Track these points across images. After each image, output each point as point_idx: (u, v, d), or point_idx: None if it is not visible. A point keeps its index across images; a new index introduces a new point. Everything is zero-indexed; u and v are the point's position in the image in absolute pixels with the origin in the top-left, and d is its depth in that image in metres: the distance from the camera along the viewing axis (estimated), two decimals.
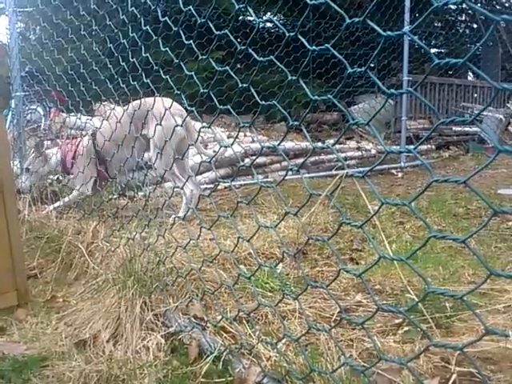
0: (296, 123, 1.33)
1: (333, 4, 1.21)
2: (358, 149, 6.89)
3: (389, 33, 1.04)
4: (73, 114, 4.98)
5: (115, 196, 3.69)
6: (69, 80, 3.79)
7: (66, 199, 3.68)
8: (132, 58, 2.44)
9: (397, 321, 1.95)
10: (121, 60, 2.63)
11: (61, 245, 2.87)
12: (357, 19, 1.08)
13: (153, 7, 2.26)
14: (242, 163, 4.69)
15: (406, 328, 1.89)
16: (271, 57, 1.44)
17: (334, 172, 5.32)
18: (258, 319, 1.97)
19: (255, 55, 1.46)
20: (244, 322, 1.92)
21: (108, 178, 3.84)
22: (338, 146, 6.37)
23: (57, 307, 2.33)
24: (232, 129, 6.42)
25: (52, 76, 4.28)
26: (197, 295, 2.05)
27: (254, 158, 4.99)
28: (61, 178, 4.08)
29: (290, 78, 1.32)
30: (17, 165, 4.40)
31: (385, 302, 2.14)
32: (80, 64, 3.47)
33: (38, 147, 4.01)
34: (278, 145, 1.46)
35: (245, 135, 6.07)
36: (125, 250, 2.46)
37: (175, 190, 3.53)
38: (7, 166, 2.39)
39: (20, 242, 2.46)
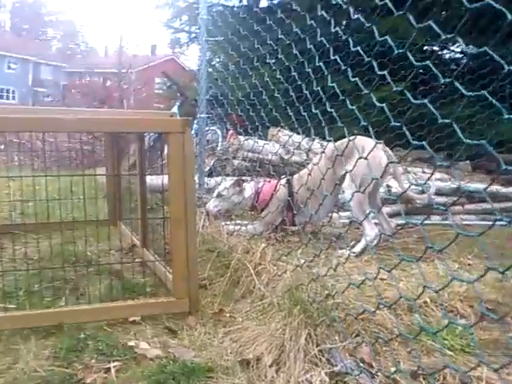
0: (509, 167, 1.24)
1: None
2: None
3: None
4: (248, 137, 5.26)
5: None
6: (249, 105, 4.01)
7: (243, 228, 3.78)
8: (314, 86, 2.51)
9: None
10: (304, 88, 2.70)
11: (230, 261, 2.98)
12: None
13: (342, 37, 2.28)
14: (429, 203, 4.41)
15: None
16: (483, 91, 1.37)
17: None
18: (436, 379, 1.82)
19: (462, 89, 1.40)
20: (421, 379, 1.80)
21: (293, 224, 3.89)
22: None
23: (224, 321, 2.42)
24: (408, 163, 6.18)
25: (234, 100, 4.56)
26: (365, 338, 1.99)
27: (435, 197, 4.74)
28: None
29: (506, 115, 1.23)
30: (195, 180, 4.71)
31: None
32: (262, 90, 3.65)
33: (239, 181, 4.19)
34: (486, 188, 1.38)
35: (423, 171, 5.83)
36: (291, 277, 2.50)
37: (353, 222, 3.50)
38: (191, 181, 2.56)
39: (196, 253, 2.61)
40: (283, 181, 3.97)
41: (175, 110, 6.99)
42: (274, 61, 3.44)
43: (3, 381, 1.87)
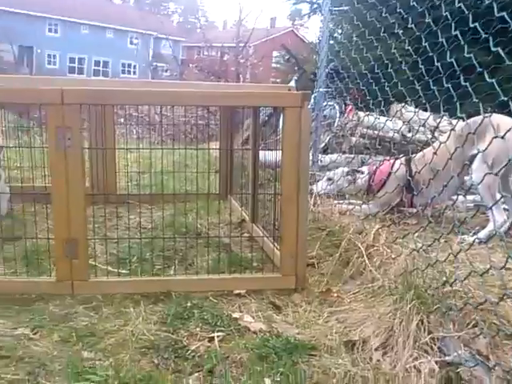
0: None
1: None
2: None
3: None
4: (368, 113, 5.16)
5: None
6: (373, 78, 3.93)
7: (356, 208, 3.75)
8: (448, 58, 2.41)
9: None
10: (435, 60, 2.61)
11: (340, 240, 2.99)
12: None
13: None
14: None
15: None
16: None
17: None
18: None
19: None
20: None
21: (411, 206, 3.80)
22: None
23: (330, 301, 2.45)
24: None
25: (356, 73, 4.49)
26: (484, 329, 1.93)
27: None
28: None
29: None
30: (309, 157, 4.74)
31: None
32: (387, 63, 3.56)
33: (354, 171, 4.16)
34: None
35: None
36: (406, 260, 2.46)
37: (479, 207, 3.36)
38: (305, 158, 2.59)
39: (306, 231, 2.65)
40: (403, 159, 3.87)
41: (292, 84, 7.02)
42: (402, 31, 3.34)
43: (113, 340, 2.05)
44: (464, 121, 2.74)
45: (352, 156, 4.72)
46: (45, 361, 1.89)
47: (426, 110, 3.43)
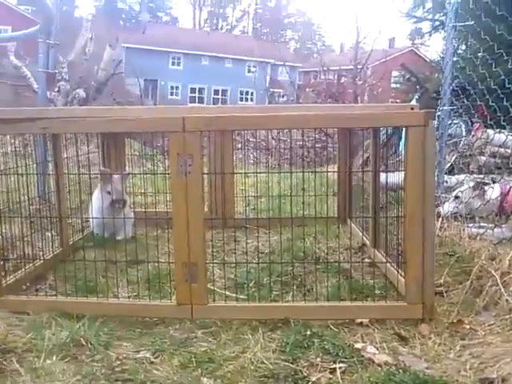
0: None
1: None
2: None
3: None
4: (498, 130, 4.86)
5: None
6: (503, 94, 3.70)
7: (488, 232, 3.49)
8: None
9: None
10: None
11: (471, 267, 2.79)
12: None
13: None
14: None
15: None
16: None
17: None
18: None
19: None
20: None
21: None
22: None
23: (462, 333, 2.27)
24: None
25: (484, 89, 4.26)
26: None
27: None
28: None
29: None
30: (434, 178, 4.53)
31: None
32: None
33: (480, 184, 3.93)
34: None
35: None
36: None
37: None
38: (430, 179, 2.45)
39: (433, 256, 2.49)
40: None
41: (413, 103, 6.82)
42: None
43: (232, 368, 2.02)
44: None
45: (481, 176, 4.44)
46: None
47: None
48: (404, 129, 2.47)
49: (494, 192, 3.82)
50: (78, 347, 2.15)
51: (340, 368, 2.00)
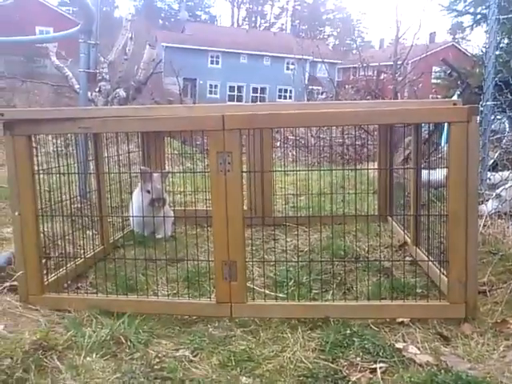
0: None
1: None
2: None
3: None
4: None
5: None
6: None
7: None
8: None
9: None
10: None
11: None
12: None
13: None
14: None
15: None
16: None
17: None
18: None
19: None
20: None
21: None
22: None
23: (506, 333, 2.21)
24: None
25: None
26: None
27: None
28: None
29: None
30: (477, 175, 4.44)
31: None
32: None
33: None
34: None
35: None
36: None
37: None
38: (473, 175, 2.40)
39: (476, 254, 2.44)
40: None
41: (455, 98, 6.68)
42: None
43: (271, 367, 2.03)
44: None
45: None
46: None
47: None
48: (446, 125, 2.43)
49: None
50: (117, 345, 2.19)
51: (380, 368, 1.98)
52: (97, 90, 9.02)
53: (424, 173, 3.31)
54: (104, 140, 3.49)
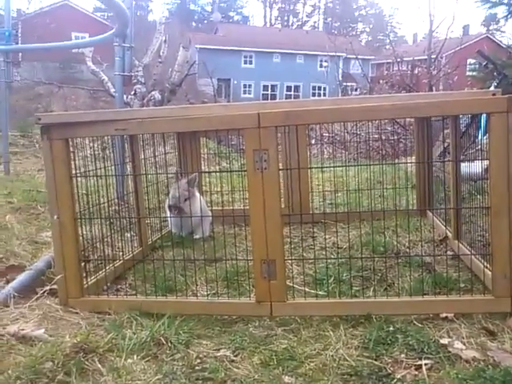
0: None
1: None
2: None
3: None
4: None
5: None
6: None
7: None
8: None
9: None
10: None
11: None
12: None
13: None
14: None
15: None
16: None
17: None
18: None
19: None
20: None
21: None
22: None
23: None
24: None
25: None
26: None
27: None
28: None
29: None
30: None
31: None
32: None
33: None
34: None
35: None
36: None
37: None
38: None
39: None
40: None
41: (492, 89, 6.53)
42: None
43: (313, 365, 2.00)
44: None
45: None
46: None
47: None
48: (485, 116, 2.36)
49: None
50: (158, 346, 2.19)
51: (426, 364, 1.94)
52: (132, 93, 9.14)
53: (463, 166, 3.24)
54: (140, 142, 3.51)
